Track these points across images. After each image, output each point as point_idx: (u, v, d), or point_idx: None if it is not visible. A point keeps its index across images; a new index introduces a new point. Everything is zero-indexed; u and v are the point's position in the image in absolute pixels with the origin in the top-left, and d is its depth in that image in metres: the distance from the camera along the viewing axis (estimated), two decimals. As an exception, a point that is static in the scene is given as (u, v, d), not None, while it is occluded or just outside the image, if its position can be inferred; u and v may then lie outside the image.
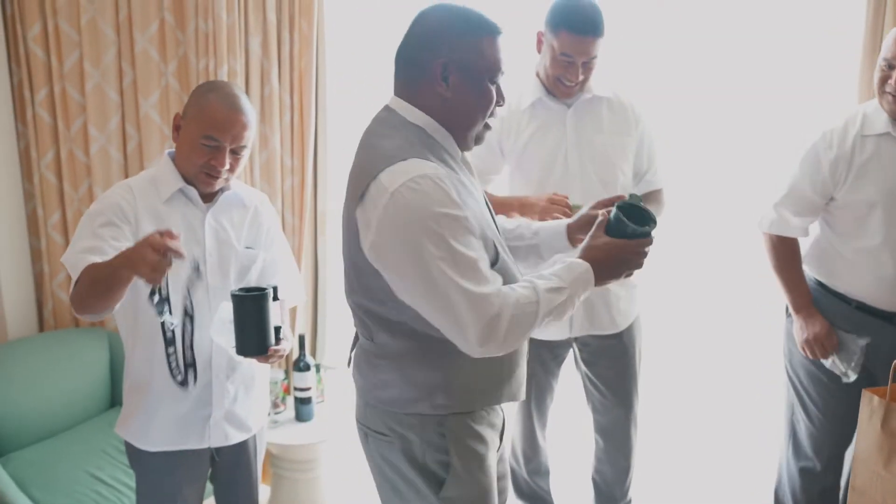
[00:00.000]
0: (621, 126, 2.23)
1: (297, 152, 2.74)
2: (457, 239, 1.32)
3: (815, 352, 2.17)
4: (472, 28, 1.46)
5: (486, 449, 1.54)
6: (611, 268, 1.45)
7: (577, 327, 2.28)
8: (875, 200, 2.07)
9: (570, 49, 2.05)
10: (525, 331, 1.36)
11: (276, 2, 2.61)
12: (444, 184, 1.34)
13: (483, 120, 1.50)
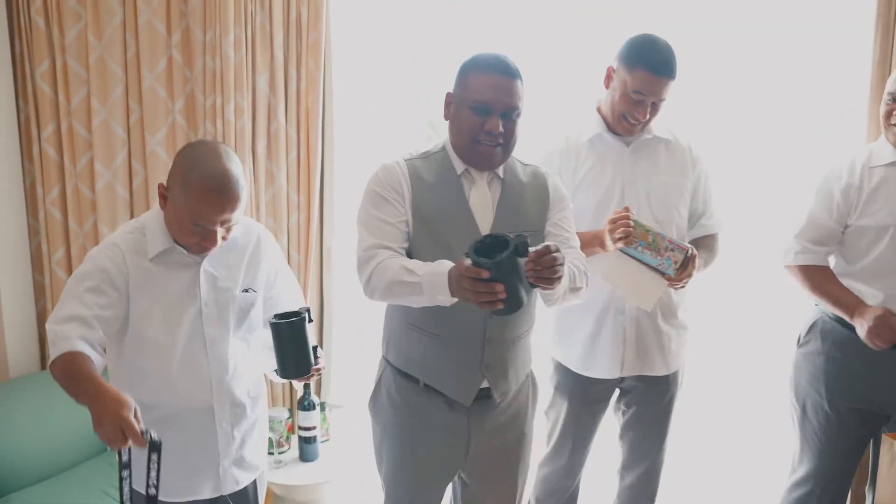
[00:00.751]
0: (679, 168, 2.23)
1: (303, 189, 2.73)
2: (371, 202, 1.80)
3: (883, 337, 2.09)
4: (468, 66, 1.78)
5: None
6: (453, 284, 1.59)
7: (628, 367, 2.25)
8: (886, 225, 2.13)
9: (643, 87, 2.04)
10: (379, 285, 1.71)
11: (283, 40, 2.62)
12: (385, 172, 1.81)
13: (469, 143, 1.77)
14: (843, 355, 2.23)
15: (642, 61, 2.03)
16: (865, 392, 2.22)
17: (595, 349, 2.24)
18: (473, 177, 1.83)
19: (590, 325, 2.23)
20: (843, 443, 2.27)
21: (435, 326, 1.81)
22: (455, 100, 1.80)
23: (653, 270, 2.04)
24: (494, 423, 1.91)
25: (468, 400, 1.86)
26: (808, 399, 2.31)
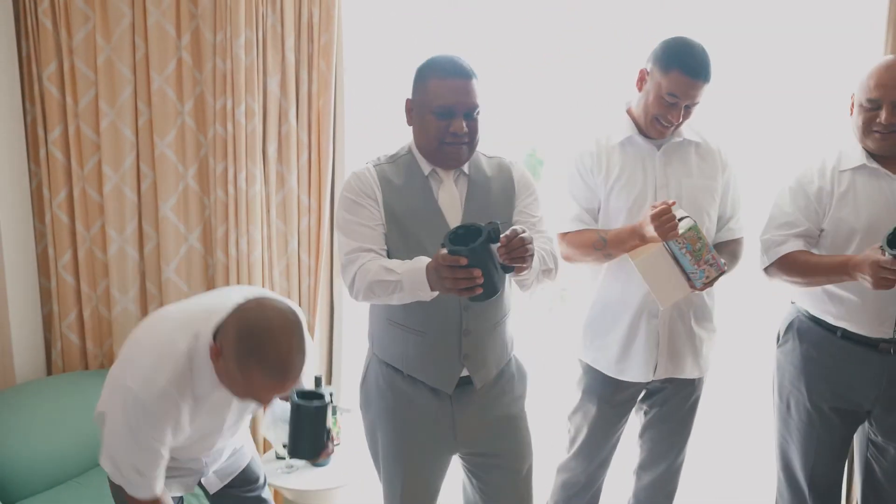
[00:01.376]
0: (709, 171, 2.22)
1: (314, 191, 2.72)
2: (345, 209, 1.86)
3: (885, 280, 1.98)
4: (425, 72, 1.83)
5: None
6: (432, 276, 1.65)
7: (661, 370, 2.26)
8: (855, 228, 2.14)
9: (678, 90, 2.04)
10: (362, 286, 1.77)
11: (294, 42, 2.60)
12: (356, 179, 1.88)
13: (436, 146, 1.82)
14: (820, 354, 2.26)
15: (679, 63, 2.02)
16: (843, 391, 2.24)
17: (629, 352, 2.24)
18: (440, 176, 1.90)
19: (624, 328, 2.23)
20: (828, 439, 2.29)
21: (414, 322, 1.90)
22: (416, 106, 1.86)
23: (683, 274, 2.04)
24: (477, 405, 1.99)
25: (450, 388, 1.95)
26: (790, 397, 2.34)
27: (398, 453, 2.01)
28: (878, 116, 2.08)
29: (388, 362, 1.99)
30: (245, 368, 1.54)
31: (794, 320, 2.35)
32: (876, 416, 2.27)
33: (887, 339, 2.17)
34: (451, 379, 1.94)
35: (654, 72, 2.08)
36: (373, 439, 2.08)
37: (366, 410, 2.09)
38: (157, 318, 1.77)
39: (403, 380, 1.97)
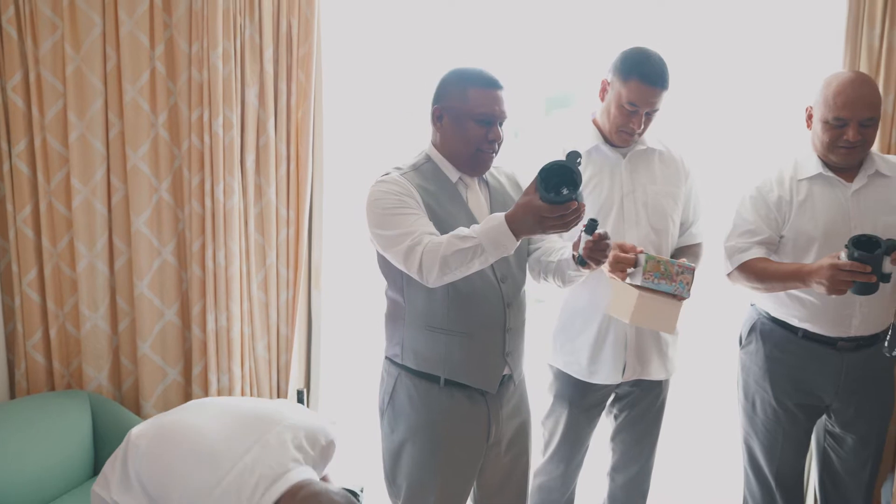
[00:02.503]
0: (672, 178, 2.32)
1: (292, 203, 2.69)
2: (387, 208, 1.85)
3: (842, 287, 2.08)
4: (465, 80, 1.90)
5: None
6: (528, 226, 1.69)
7: (629, 372, 2.33)
8: (813, 236, 2.26)
9: (637, 98, 2.12)
10: (434, 265, 1.75)
11: (273, 53, 2.59)
12: (393, 183, 1.88)
13: (472, 152, 1.91)
14: (784, 354, 2.38)
15: (637, 73, 2.11)
16: (806, 387, 2.38)
17: (599, 355, 2.31)
18: (466, 183, 1.99)
19: (593, 332, 2.30)
20: (792, 434, 2.42)
21: (458, 324, 1.95)
22: (451, 112, 1.92)
23: (669, 296, 2.10)
24: (508, 407, 2.08)
25: (494, 387, 2.01)
26: (756, 396, 2.46)
27: (432, 468, 2.00)
28: (844, 134, 2.20)
29: (426, 371, 1.99)
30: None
31: (757, 323, 2.46)
32: (835, 409, 2.41)
33: (845, 337, 2.32)
34: (496, 377, 2.00)
35: (614, 82, 2.17)
36: (395, 461, 2.06)
37: (392, 430, 2.06)
38: (196, 443, 1.74)
39: (440, 391, 1.99)
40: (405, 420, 2.01)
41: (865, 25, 2.54)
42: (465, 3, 2.77)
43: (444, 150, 1.97)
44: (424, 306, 1.95)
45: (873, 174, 2.30)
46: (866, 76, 2.30)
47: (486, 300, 1.93)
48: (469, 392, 1.99)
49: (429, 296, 1.92)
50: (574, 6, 2.77)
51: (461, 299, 1.92)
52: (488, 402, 2.02)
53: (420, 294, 1.94)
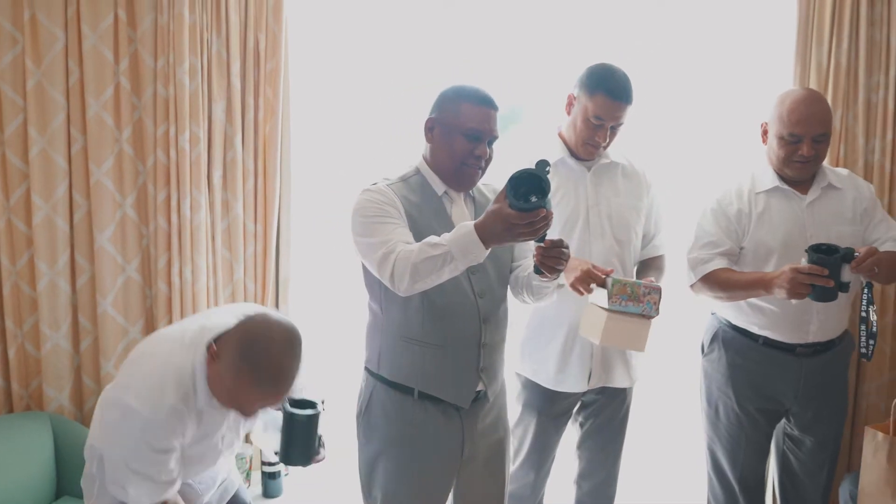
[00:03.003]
0: (635, 191, 2.37)
1: (260, 218, 2.69)
2: (368, 215, 1.86)
3: (801, 292, 2.16)
4: (459, 95, 1.92)
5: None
6: (497, 234, 1.68)
7: (594, 380, 2.36)
8: (772, 247, 2.34)
9: (603, 112, 2.17)
10: (405, 271, 1.74)
11: (240, 68, 2.58)
12: (378, 192, 1.90)
13: (457, 166, 1.92)
14: (745, 361, 2.45)
15: (603, 87, 2.17)
16: (767, 392, 2.45)
17: (566, 364, 2.34)
18: (452, 197, 2.00)
19: (560, 341, 2.34)
20: (754, 438, 2.49)
21: (432, 336, 1.94)
22: (442, 126, 1.94)
23: (637, 317, 2.12)
24: (483, 423, 2.06)
25: (467, 402, 1.99)
26: (719, 402, 2.52)
27: (406, 482, 2.00)
28: (799, 149, 2.29)
29: (401, 383, 1.98)
30: (238, 374, 1.62)
31: (718, 331, 2.53)
32: (794, 412, 2.49)
33: (803, 343, 2.40)
34: (469, 392, 1.99)
35: (580, 96, 2.23)
36: (370, 472, 2.06)
37: (366, 442, 2.06)
38: (155, 340, 1.80)
39: (414, 403, 1.98)
40: (379, 431, 2.01)
41: (814, 45, 2.66)
42: (428, 21, 2.80)
43: (432, 163, 1.99)
44: (401, 317, 1.96)
45: (826, 186, 2.40)
46: (818, 93, 2.40)
47: (462, 314, 1.94)
48: (443, 407, 1.99)
49: (405, 307, 1.93)
50: (523, 25, 2.83)
51: (437, 312, 1.93)
52: (462, 418, 2.01)
53: (397, 305, 1.94)
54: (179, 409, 1.67)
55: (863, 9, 2.64)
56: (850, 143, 2.72)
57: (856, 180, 2.49)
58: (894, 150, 2.71)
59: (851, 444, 2.82)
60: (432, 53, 2.81)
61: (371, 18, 2.80)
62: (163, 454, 1.68)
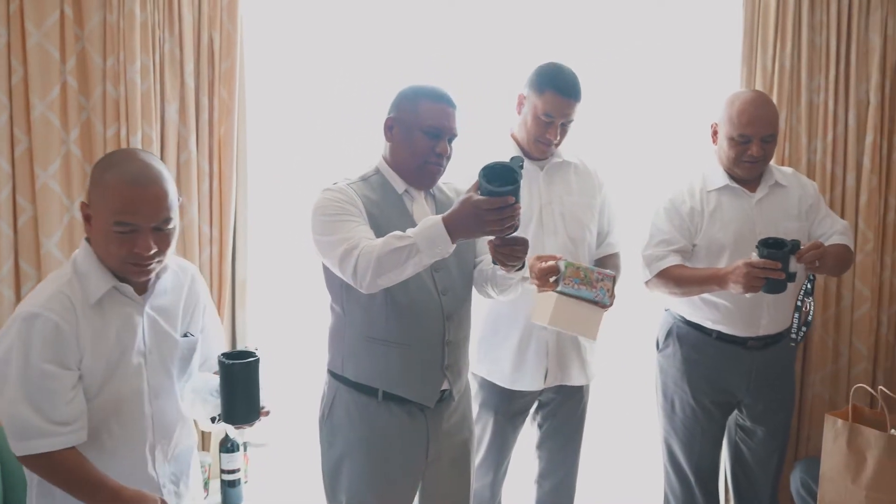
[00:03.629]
0: (588, 190, 2.40)
1: (216, 221, 2.63)
2: (330, 214, 1.84)
3: (755, 285, 2.22)
4: (418, 94, 1.93)
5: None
6: (464, 224, 1.66)
7: (550, 378, 2.38)
8: (724, 244, 2.43)
9: (552, 109, 2.20)
10: (368, 266, 1.71)
11: (194, 67, 2.52)
12: (339, 191, 1.89)
13: (419, 164, 1.92)
14: (700, 355, 2.53)
15: (551, 85, 2.21)
16: (721, 385, 2.54)
17: (522, 363, 2.36)
18: (413, 195, 1.99)
19: (516, 340, 2.35)
20: (709, 430, 2.58)
21: (397, 335, 1.93)
22: (401, 124, 1.94)
23: (590, 303, 2.15)
24: (449, 423, 2.05)
25: (432, 401, 1.98)
26: (675, 396, 2.59)
27: (370, 485, 1.98)
28: (748, 149, 2.38)
29: (365, 383, 1.96)
30: (105, 186, 1.52)
31: (673, 327, 2.60)
32: (746, 404, 2.58)
33: (755, 336, 2.49)
34: (434, 391, 1.98)
35: (530, 95, 2.26)
36: (335, 476, 2.03)
37: (330, 446, 2.03)
38: None
39: (378, 405, 1.96)
40: (342, 434, 1.99)
41: (759, 48, 2.77)
42: (387, 18, 2.79)
43: (392, 162, 1.98)
44: (364, 317, 1.94)
45: (773, 185, 2.50)
46: (766, 96, 2.49)
47: (426, 311, 1.94)
48: (408, 407, 1.98)
49: (368, 306, 1.92)
50: (479, 26, 2.84)
51: (400, 310, 1.92)
52: (427, 418, 2.00)
53: (359, 304, 1.93)
54: (63, 294, 1.55)
55: (804, 15, 2.75)
56: (794, 142, 2.83)
57: (800, 178, 2.59)
58: (835, 149, 2.84)
59: (798, 433, 2.94)
60: (392, 51, 2.79)
61: (330, 16, 2.77)
62: (50, 380, 1.52)
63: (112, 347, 1.60)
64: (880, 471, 1.79)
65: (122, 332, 1.61)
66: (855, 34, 2.79)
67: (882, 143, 2.85)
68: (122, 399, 1.62)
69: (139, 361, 1.64)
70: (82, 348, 1.55)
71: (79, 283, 1.58)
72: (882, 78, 2.81)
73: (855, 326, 2.90)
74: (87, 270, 1.59)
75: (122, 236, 1.53)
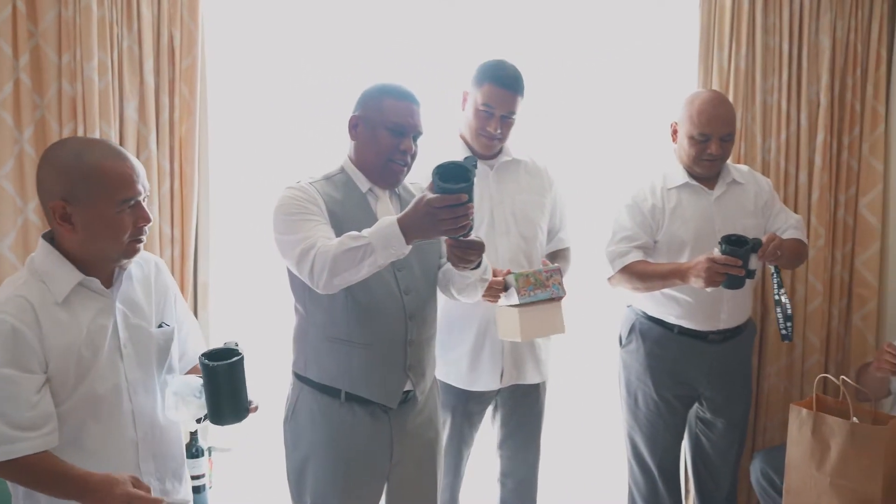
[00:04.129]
0: (538, 187, 2.41)
1: (177, 222, 2.58)
2: (290, 212, 1.83)
3: (716, 279, 2.26)
4: (382, 91, 1.92)
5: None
6: (418, 223, 1.65)
7: (506, 377, 2.39)
8: (685, 240, 2.49)
9: (492, 101, 2.21)
10: (325, 266, 1.70)
11: (154, 65, 2.47)
12: (300, 190, 1.88)
13: (383, 162, 1.91)
14: (662, 350, 2.59)
15: (490, 77, 2.23)
16: (683, 379, 2.60)
17: (478, 363, 2.37)
18: (377, 194, 1.98)
19: (471, 341, 2.36)
20: (672, 421, 2.64)
21: (359, 335, 1.92)
22: (366, 122, 1.93)
23: (547, 303, 2.19)
24: (413, 424, 2.04)
25: (394, 402, 1.97)
26: (638, 391, 2.65)
27: (335, 487, 1.97)
28: (708, 148, 2.44)
29: (327, 384, 1.95)
30: (87, 173, 1.50)
31: (636, 323, 2.65)
32: (707, 396, 2.65)
33: (715, 330, 2.56)
34: (397, 392, 1.97)
35: (472, 89, 2.28)
36: (300, 478, 2.01)
37: (293, 449, 2.02)
38: None
39: (341, 406, 1.95)
40: (306, 436, 1.98)
41: (715, 50, 2.83)
42: (350, 17, 2.77)
43: (356, 161, 1.97)
44: (326, 317, 1.93)
45: (730, 182, 2.56)
46: (723, 96, 2.56)
47: (387, 311, 1.92)
48: (372, 409, 1.97)
49: (330, 306, 1.90)
50: (431, 28, 2.85)
51: (362, 310, 1.91)
52: (391, 419, 1.99)
53: (321, 305, 1.92)
54: (21, 298, 1.50)
55: (758, 17, 2.83)
56: (749, 141, 2.91)
57: (755, 176, 2.67)
58: (788, 148, 2.92)
59: (755, 424, 3.02)
60: (356, 47, 2.77)
61: (293, 12, 2.73)
62: (9, 384, 1.47)
63: (83, 345, 1.56)
64: (844, 458, 1.86)
65: (94, 329, 1.58)
66: (806, 37, 2.88)
67: (832, 142, 2.94)
68: (99, 397, 1.59)
69: (115, 357, 1.61)
70: (47, 349, 1.51)
71: (39, 283, 1.54)
72: (831, 79, 2.90)
73: (808, 319, 2.99)
74: (49, 269, 1.55)
75: (129, 214, 1.54)
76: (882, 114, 2.94)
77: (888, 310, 3.01)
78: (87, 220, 1.53)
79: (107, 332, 1.60)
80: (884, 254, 3.01)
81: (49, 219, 1.55)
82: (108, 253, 1.58)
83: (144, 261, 1.74)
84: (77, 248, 1.56)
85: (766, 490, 2.65)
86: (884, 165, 2.96)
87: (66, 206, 1.51)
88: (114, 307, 1.61)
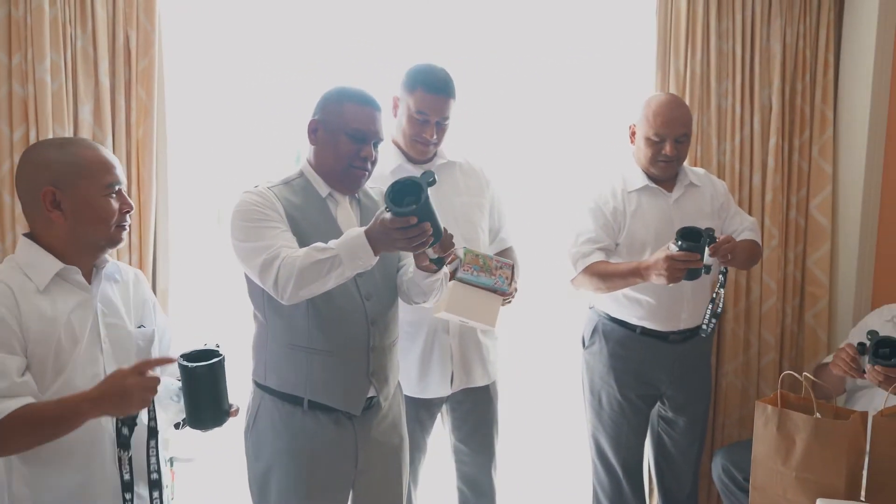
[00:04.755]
0: (475, 188, 2.41)
1: (134, 228, 2.51)
2: (249, 219, 1.81)
3: (676, 275, 2.30)
4: (342, 96, 1.90)
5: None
6: (381, 239, 1.69)
7: (456, 382, 2.38)
8: (646, 241, 2.53)
9: (425, 107, 2.19)
10: (290, 277, 1.69)
11: (109, 66, 2.41)
12: (258, 195, 1.84)
13: (344, 167, 1.89)
14: (625, 351, 2.63)
15: (421, 83, 2.21)
16: (646, 378, 2.64)
17: (427, 370, 2.36)
18: (337, 199, 1.97)
19: (420, 347, 2.35)
20: (635, 421, 2.67)
21: (320, 342, 1.90)
22: (326, 126, 1.91)
23: (488, 290, 2.19)
24: (378, 430, 2.03)
25: (358, 409, 1.95)
26: (602, 392, 2.68)
27: (299, 495, 1.93)
28: (663, 149, 2.49)
29: (289, 392, 1.92)
30: (73, 162, 1.56)
31: (598, 324, 2.68)
32: (669, 395, 2.69)
33: (676, 331, 2.60)
34: (360, 399, 1.95)
35: (403, 95, 2.26)
36: (263, 487, 1.97)
37: (256, 459, 1.98)
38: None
39: (304, 414, 1.92)
40: (268, 445, 1.94)
41: (672, 55, 2.89)
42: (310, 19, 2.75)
43: (316, 165, 1.95)
44: (286, 325, 1.90)
45: (688, 185, 2.62)
46: (679, 98, 2.61)
47: (349, 317, 1.90)
48: (335, 416, 1.94)
49: (290, 314, 1.88)
50: (388, 31, 2.85)
51: (322, 316, 1.88)
52: (355, 426, 1.97)
53: (282, 312, 1.89)
54: (6, 293, 1.52)
55: (712, 23, 2.90)
56: (705, 144, 2.97)
57: (711, 178, 2.73)
58: (742, 151, 2.99)
59: (714, 421, 3.08)
60: (316, 50, 2.75)
61: (252, 13, 2.70)
62: None
63: (62, 337, 1.57)
64: (808, 452, 1.91)
65: (73, 319, 1.59)
66: (758, 42, 2.96)
67: (784, 145, 3.02)
68: (78, 390, 1.54)
69: (95, 351, 1.62)
70: (26, 331, 1.52)
71: (20, 274, 1.57)
72: (782, 83, 2.99)
73: (763, 318, 3.06)
74: (30, 260, 1.59)
75: (111, 199, 1.60)
76: (830, 118, 3.04)
77: (839, 308, 3.10)
78: (77, 204, 1.57)
79: (87, 325, 1.61)
80: (834, 253, 3.10)
81: (35, 212, 1.58)
82: (95, 239, 1.61)
83: (123, 269, 1.77)
84: (64, 237, 1.59)
85: (727, 486, 2.70)
86: (832, 167, 3.05)
87: (56, 192, 1.55)
88: (94, 302, 1.63)
